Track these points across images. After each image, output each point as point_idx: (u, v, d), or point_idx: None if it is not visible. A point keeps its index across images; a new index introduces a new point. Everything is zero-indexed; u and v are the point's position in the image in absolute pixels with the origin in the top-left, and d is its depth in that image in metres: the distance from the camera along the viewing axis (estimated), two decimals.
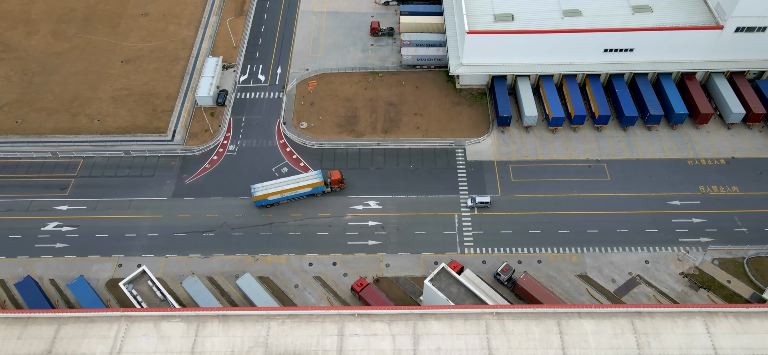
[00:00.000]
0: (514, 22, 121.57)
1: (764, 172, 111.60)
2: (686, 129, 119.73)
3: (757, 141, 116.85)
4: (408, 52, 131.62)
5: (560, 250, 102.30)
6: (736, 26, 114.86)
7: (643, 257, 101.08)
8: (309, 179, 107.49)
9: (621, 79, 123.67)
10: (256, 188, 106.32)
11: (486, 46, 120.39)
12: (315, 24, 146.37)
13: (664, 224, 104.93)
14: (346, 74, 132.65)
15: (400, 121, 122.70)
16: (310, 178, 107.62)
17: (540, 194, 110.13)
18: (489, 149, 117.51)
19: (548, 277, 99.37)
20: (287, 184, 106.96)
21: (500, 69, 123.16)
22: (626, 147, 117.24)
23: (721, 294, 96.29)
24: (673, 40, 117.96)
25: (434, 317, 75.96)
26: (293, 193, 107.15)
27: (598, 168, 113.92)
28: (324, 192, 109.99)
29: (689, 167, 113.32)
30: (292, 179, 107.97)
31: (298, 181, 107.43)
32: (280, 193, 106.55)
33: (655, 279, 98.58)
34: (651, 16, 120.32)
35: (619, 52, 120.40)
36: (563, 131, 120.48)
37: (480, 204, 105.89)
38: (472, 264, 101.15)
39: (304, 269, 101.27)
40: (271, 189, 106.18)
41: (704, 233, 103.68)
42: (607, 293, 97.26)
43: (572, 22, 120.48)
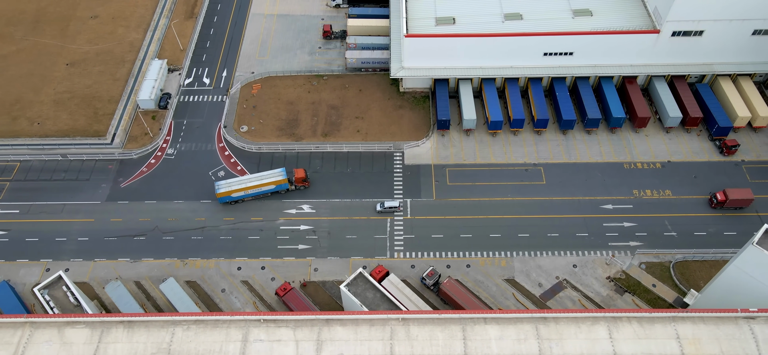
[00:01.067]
0: (455, 26, 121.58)
1: (698, 177, 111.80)
2: (625, 133, 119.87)
3: (694, 145, 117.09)
4: (352, 56, 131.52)
5: (490, 254, 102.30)
6: (672, 30, 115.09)
7: (571, 261, 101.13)
8: (273, 176, 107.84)
9: (562, 83, 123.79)
10: (219, 184, 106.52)
11: (426, 50, 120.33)
12: (264, 27, 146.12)
13: (595, 228, 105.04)
14: (290, 77, 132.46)
15: (340, 125, 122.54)
16: (274, 175, 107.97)
17: (475, 197, 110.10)
18: (428, 153, 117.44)
19: (476, 281, 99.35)
20: (251, 181, 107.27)
21: (441, 72, 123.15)
22: (564, 151, 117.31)
23: (645, 298, 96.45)
24: (611, 44, 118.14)
25: (340, 323, 75.75)
26: (257, 190, 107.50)
27: (535, 172, 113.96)
28: (288, 190, 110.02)
29: (625, 171, 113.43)
30: (256, 176, 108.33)
31: (262, 178, 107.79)
32: (243, 190, 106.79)
33: (581, 283, 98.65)
34: (591, 19, 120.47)
35: (559, 56, 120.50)
36: (503, 135, 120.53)
37: (387, 209, 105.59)
38: (401, 268, 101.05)
39: (233, 273, 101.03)
40: (235, 186, 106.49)
41: (634, 237, 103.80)
42: (533, 298, 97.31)
43: (513, 26, 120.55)
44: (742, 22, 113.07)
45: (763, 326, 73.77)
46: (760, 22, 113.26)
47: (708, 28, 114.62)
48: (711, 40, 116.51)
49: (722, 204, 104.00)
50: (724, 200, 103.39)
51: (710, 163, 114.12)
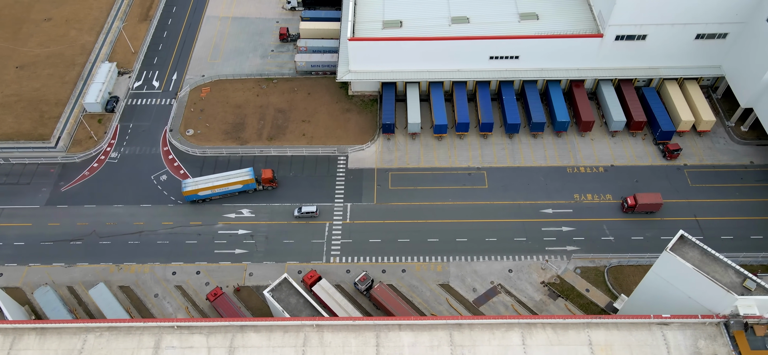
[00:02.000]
0: (401, 29, 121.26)
1: (640, 181, 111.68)
2: (571, 137, 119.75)
3: (638, 149, 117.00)
4: (301, 59, 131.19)
5: (426, 259, 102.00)
6: (615, 34, 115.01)
7: (507, 266, 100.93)
8: (240, 176, 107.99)
9: (509, 87, 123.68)
10: (186, 183, 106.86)
11: (373, 53, 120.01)
12: (218, 29, 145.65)
13: (534, 232, 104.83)
14: (240, 81, 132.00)
15: (287, 128, 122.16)
16: (241, 175, 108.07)
17: (416, 202, 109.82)
18: (372, 157, 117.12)
19: (410, 286, 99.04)
20: (218, 180, 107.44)
21: (388, 76, 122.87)
22: (509, 155, 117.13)
23: (578, 303, 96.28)
24: (556, 48, 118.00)
25: (254, 330, 75.38)
26: (223, 189, 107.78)
27: (478, 176, 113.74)
28: (255, 190, 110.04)
29: (568, 175, 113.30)
30: (222, 175, 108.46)
31: (229, 177, 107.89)
32: (210, 189, 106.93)
33: (515, 288, 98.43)
34: (537, 23, 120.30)
35: (505, 60, 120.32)
36: (449, 139, 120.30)
37: (305, 214, 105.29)
38: (336, 273, 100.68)
39: (167, 278, 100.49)
40: (202, 185, 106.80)
41: (572, 242, 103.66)
42: (466, 303, 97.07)
43: (459, 30, 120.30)
44: (684, 26, 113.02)
45: (675, 332, 73.64)
46: (702, 26, 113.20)
47: (651, 33, 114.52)
48: (655, 45, 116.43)
49: (633, 208, 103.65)
50: (634, 205, 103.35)
51: (653, 167, 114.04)
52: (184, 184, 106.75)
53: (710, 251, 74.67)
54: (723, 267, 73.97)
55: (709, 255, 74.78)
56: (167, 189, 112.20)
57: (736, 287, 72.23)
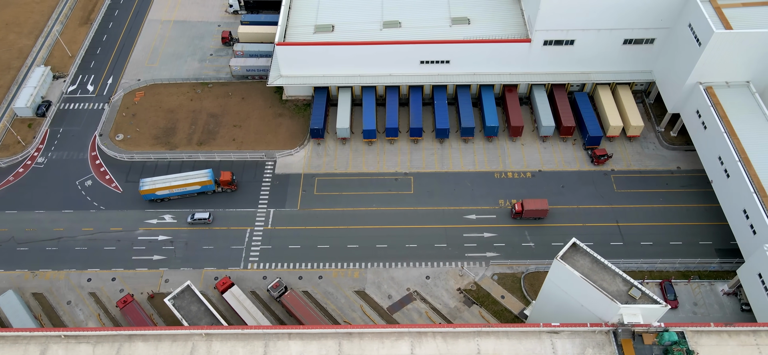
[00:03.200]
0: (333, 34, 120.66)
1: (566, 186, 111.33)
2: (502, 142, 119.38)
3: (567, 154, 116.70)
4: (237, 63, 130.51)
5: (344, 265, 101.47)
6: (543, 39, 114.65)
7: (425, 272, 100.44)
8: (198, 177, 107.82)
9: (442, 92, 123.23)
10: (144, 181, 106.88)
11: (304, 58, 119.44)
12: (159, 33, 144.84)
13: (455, 238, 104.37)
14: (175, 85, 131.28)
15: (217, 133, 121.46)
16: (199, 176, 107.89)
17: (340, 207, 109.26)
18: (300, 162, 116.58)
19: (325, 293, 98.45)
20: (176, 180, 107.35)
21: (320, 81, 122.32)
22: (438, 160, 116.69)
23: (492, 310, 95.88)
24: (487, 53, 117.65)
25: (142, 339, 74.74)
26: (182, 190, 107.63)
27: (405, 181, 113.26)
28: (214, 191, 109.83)
29: (495, 181, 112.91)
30: (181, 175, 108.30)
31: (187, 178, 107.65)
32: (168, 188, 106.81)
33: (431, 295, 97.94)
34: (468, 28, 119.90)
35: (436, 64, 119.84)
36: (379, 143, 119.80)
37: (197, 220, 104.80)
38: (252, 280, 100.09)
39: (82, 284, 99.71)
40: (160, 184, 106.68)
41: (492, 248, 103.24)
42: (380, 310, 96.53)
43: (390, 34, 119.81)
44: (610, 31, 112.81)
45: (564, 340, 73.33)
46: (629, 31, 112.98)
47: (578, 38, 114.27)
48: (583, 50, 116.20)
49: (520, 214, 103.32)
50: (521, 211, 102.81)
51: (580, 172, 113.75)
52: (142, 182, 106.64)
53: (600, 259, 74.31)
54: (611, 275, 73.64)
55: (599, 263, 74.44)
56: (91, 195, 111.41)
57: (622, 295, 71.89)
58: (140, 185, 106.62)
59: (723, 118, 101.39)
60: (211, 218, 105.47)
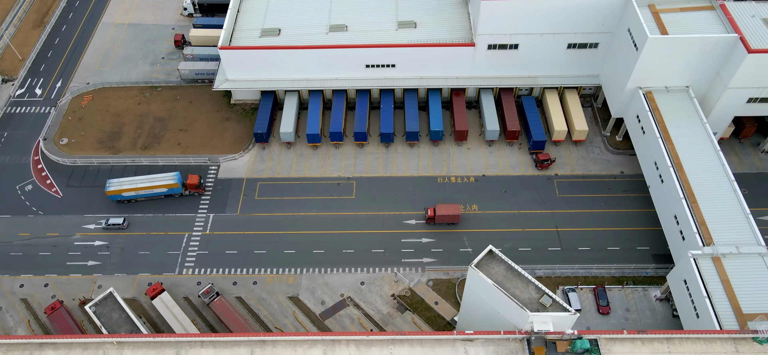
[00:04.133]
0: (279, 37, 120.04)
1: (508, 191, 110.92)
2: (447, 146, 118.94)
3: (513, 159, 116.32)
4: (185, 67, 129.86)
5: (280, 271, 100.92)
6: (487, 44, 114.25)
7: (360, 278, 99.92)
8: (165, 179, 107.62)
9: (388, 96, 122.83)
10: (111, 182, 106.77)
11: (250, 62, 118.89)
12: (112, 36, 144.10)
13: (393, 244, 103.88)
14: (124, 89, 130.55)
15: (163, 137, 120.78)
16: (166, 179, 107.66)
17: (280, 212, 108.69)
18: (243, 166, 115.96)
19: (259, 299, 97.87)
20: (142, 182, 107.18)
21: (266, 84, 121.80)
22: (383, 164, 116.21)
23: (425, 317, 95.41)
24: (432, 57, 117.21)
25: (53, 347, 74.44)
26: (148, 191, 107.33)
27: (347, 186, 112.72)
28: (181, 194, 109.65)
29: (438, 185, 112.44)
30: (148, 177, 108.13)
31: (154, 180, 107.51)
32: (134, 190, 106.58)
33: (365, 301, 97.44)
34: (414, 31, 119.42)
35: (382, 68, 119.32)
36: (324, 148, 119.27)
37: (110, 225, 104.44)
38: (186, 286, 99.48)
39: (14, 290, 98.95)
40: (126, 185, 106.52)
41: (429, 254, 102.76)
42: (312, 316, 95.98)
43: (336, 38, 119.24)
44: (553, 36, 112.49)
45: (478, 348, 73.09)
46: (572, 36, 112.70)
47: (522, 42, 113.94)
48: (528, 54, 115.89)
49: (433, 220, 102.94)
50: (433, 216, 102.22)
51: (524, 177, 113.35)
52: (108, 183, 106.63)
53: (515, 267, 73.91)
54: (524, 283, 73.23)
55: (514, 271, 74.03)
56: (31, 200, 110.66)
57: (532, 303, 71.51)
58: (107, 186, 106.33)
59: (660, 123, 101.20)
60: (125, 224, 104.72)
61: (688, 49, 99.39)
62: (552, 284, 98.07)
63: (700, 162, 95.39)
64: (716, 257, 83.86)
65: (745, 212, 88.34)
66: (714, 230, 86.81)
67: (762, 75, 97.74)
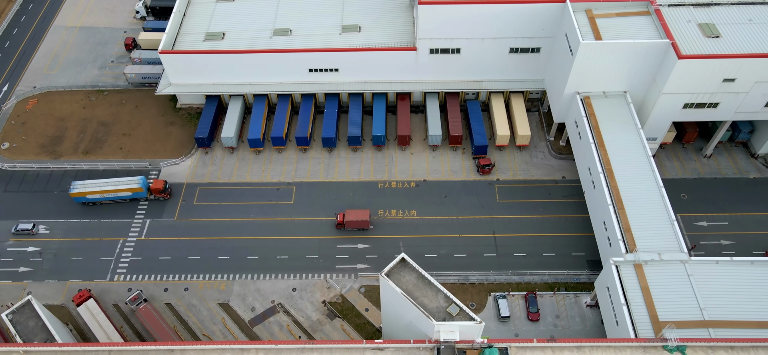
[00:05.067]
0: (223, 42, 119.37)
1: (449, 196, 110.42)
2: (391, 151, 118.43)
3: (455, 164, 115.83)
4: (131, 71, 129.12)
5: (212, 277, 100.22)
6: (429, 48, 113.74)
7: (293, 284, 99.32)
8: (129, 183, 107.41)
9: (333, 100, 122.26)
10: (76, 184, 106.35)
11: (191, 66, 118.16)
12: (62, 39, 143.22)
13: (328, 249, 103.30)
14: (70, 93, 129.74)
15: (105, 142, 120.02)
16: (130, 183, 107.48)
17: (217, 218, 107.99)
18: (185, 171, 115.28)
19: (189, 306, 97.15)
20: (107, 185, 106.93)
21: (210, 89, 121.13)
22: (324, 169, 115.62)
23: (354, 323, 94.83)
24: (375, 61, 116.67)
25: None
26: (113, 195, 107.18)
27: (287, 191, 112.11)
28: (146, 199, 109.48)
29: (378, 191, 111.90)
30: (112, 181, 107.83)
31: (118, 184, 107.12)
32: (99, 193, 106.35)
33: (295, 308, 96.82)
34: (357, 35, 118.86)
35: (325, 72, 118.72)
36: (267, 153, 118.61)
37: (19, 231, 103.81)
38: (117, 292, 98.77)
39: None
40: (91, 188, 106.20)
41: (363, 260, 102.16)
42: (242, 323, 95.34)
43: (279, 42, 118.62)
44: (494, 40, 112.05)
45: None
46: (514, 40, 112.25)
47: (464, 46, 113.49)
48: (470, 58, 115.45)
49: (341, 225, 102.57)
50: (342, 222, 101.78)
51: (465, 182, 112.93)
52: (73, 185, 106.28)
53: (425, 275, 73.43)
54: (434, 292, 72.83)
55: (425, 279, 73.56)
56: None
57: (440, 312, 71.08)
58: (71, 188, 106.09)
59: (594, 128, 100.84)
60: (34, 229, 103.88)
61: (621, 54, 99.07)
62: (484, 290, 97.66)
63: (631, 168, 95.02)
64: (638, 263, 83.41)
65: (671, 219, 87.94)
66: (638, 237, 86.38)
67: (694, 81, 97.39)
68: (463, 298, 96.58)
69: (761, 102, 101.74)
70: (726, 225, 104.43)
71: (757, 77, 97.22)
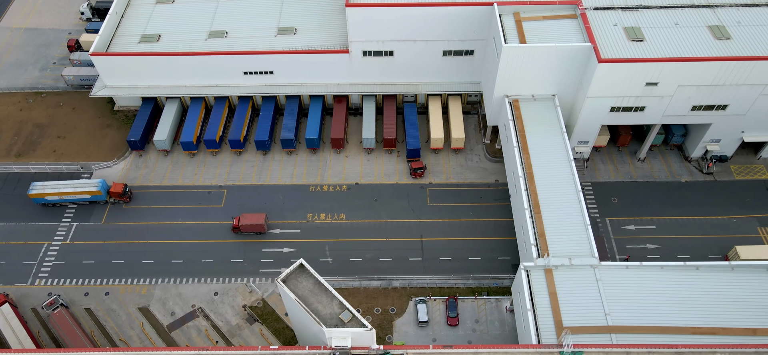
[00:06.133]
0: (158, 44, 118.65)
1: (379, 199, 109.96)
2: (326, 154, 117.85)
3: (389, 167, 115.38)
4: (69, 72, 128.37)
5: (135, 281, 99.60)
6: (362, 50, 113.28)
7: (215, 288, 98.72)
8: (88, 186, 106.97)
9: (269, 103, 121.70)
10: (34, 185, 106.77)
11: (126, 68, 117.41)
12: (6, 41, 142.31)
13: (253, 253, 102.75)
14: (8, 95, 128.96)
15: (39, 144, 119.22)
16: (89, 185, 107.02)
17: (145, 221, 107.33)
18: (117, 174, 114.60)
19: (108, 310, 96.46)
20: (65, 187, 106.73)
21: (145, 91, 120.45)
22: (257, 172, 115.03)
23: (273, 328, 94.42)
24: (310, 63, 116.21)
25: None
26: (71, 197, 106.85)
27: (218, 194, 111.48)
28: (106, 202, 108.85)
29: (309, 194, 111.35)
30: (71, 183, 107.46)
31: (77, 186, 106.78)
32: (58, 194, 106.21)
33: (215, 312, 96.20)
34: (293, 38, 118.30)
35: (260, 75, 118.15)
36: (201, 156, 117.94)
37: None
38: (37, 297, 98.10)
39: None
40: (49, 189, 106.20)
41: (288, 264, 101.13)
42: (160, 328, 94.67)
43: (214, 44, 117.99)
44: (427, 43, 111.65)
45: None
46: (446, 43, 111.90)
47: (396, 49, 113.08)
48: (404, 61, 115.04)
49: (237, 229, 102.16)
50: (238, 225, 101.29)
51: (397, 185, 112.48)
52: (32, 185, 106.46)
53: (322, 282, 72.91)
54: (329, 298, 72.36)
55: (321, 286, 73.14)
56: None
57: (332, 318, 70.56)
58: (30, 188, 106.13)
59: (520, 131, 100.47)
60: None
61: (544, 58, 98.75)
62: (406, 295, 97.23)
63: (552, 172, 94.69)
64: (548, 269, 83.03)
65: (586, 224, 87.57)
66: (552, 242, 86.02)
67: (616, 84, 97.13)
68: (384, 302, 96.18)
69: (687, 106, 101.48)
70: (653, 229, 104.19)
71: (680, 81, 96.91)
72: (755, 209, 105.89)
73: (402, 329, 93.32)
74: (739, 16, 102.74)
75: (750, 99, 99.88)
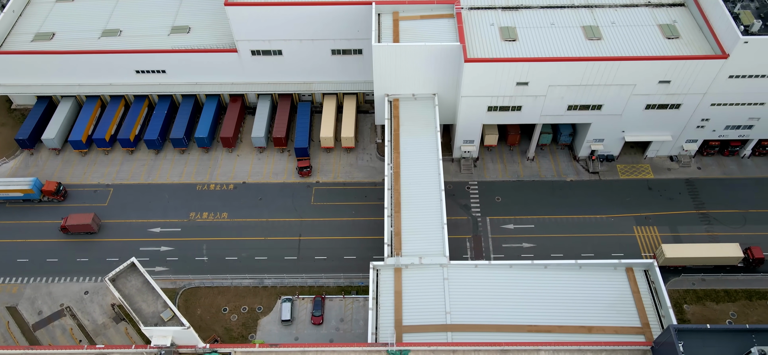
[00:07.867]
0: (51, 42, 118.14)
1: (264, 199, 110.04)
2: (217, 153, 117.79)
3: (279, 166, 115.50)
4: None
5: (6, 280, 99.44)
6: (250, 49, 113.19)
7: (85, 287, 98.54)
8: (20, 184, 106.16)
9: (163, 101, 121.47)
10: None
11: (18, 67, 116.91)
12: None
13: (130, 252, 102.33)
14: None
15: None
16: (21, 183, 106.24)
17: (26, 221, 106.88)
18: (5, 173, 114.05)
19: None
20: None
21: (40, 89, 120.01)
22: (147, 171, 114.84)
23: (139, 327, 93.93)
24: (199, 63, 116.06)
25: None
26: (2, 195, 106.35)
27: (103, 193, 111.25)
28: (39, 200, 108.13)
29: (195, 193, 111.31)
30: (3, 181, 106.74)
31: (9, 184, 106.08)
32: None
33: (83, 311, 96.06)
34: (186, 37, 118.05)
35: (152, 74, 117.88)
36: (93, 154, 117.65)
37: None
38: None
39: None
40: None
41: (164, 262, 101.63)
42: (25, 327, 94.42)
43: (106, 43, 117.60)
44: (313, 42, 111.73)
45: None
46: (333, 42, 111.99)
47: (284, 48, 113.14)
48: (293, 60, 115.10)
49: (65, 229, 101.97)
50: (65, 226, 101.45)
51: (284, 184, 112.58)
52: None
53: (149, 281, 73.05)
54: (154, 297, 72.46)
55: (148, 285, 73.27)
56: None
57: (153, 317, 70.61)
58: None
59: (394, 130, 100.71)
60: None
61: (416, 57, 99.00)
62: (276, 294, 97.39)
63: (420, 171, 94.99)
64: (398, 267, 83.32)
65: (442, 223, 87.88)
66: (406, 241, 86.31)
67: (487, 84, 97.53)
68: (253, 301, 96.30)
69: (562, 105, 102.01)
70: (532, 228, 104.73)
71: (550, 81, 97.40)
72: (634, 208, 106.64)
73: (266, 327, 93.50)
74: (616, 17, 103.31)
75: (623, 99, 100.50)
